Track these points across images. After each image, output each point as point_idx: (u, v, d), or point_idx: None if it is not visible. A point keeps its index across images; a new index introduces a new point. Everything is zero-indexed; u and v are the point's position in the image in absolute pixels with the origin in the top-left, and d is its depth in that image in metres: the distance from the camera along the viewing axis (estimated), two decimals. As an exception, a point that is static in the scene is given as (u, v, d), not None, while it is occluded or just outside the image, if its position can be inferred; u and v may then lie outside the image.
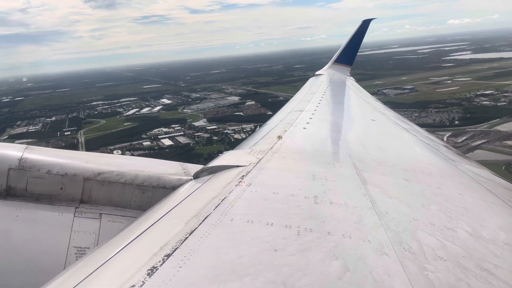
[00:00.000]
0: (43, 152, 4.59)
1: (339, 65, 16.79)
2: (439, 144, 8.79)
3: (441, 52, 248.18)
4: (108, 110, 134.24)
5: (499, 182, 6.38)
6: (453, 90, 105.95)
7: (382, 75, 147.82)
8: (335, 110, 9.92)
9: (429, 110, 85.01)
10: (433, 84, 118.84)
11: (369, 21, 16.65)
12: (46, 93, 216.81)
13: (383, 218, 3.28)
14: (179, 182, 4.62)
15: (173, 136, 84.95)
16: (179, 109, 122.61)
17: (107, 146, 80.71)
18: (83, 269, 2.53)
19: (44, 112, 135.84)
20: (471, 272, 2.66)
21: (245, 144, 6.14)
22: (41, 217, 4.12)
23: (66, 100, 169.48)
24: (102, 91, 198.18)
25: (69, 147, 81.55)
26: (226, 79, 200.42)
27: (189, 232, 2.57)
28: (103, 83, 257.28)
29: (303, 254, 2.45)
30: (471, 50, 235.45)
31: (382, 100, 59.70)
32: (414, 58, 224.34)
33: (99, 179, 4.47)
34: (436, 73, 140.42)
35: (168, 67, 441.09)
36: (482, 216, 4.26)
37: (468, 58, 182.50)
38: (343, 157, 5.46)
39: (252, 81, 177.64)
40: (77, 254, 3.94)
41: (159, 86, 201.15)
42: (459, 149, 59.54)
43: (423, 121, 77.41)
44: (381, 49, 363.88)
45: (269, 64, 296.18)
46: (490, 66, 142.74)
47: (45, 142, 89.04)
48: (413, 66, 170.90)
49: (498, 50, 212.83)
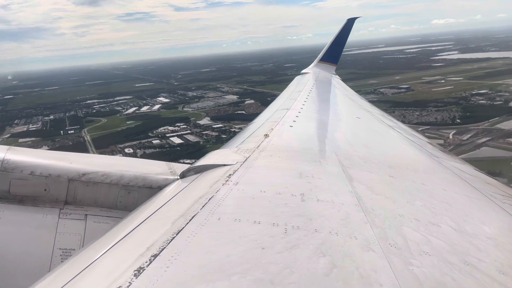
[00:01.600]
0: (26, 153, 4.56)
1: (324, 63, 16.83)
2: (423, 141, 8.87)
3: (428, 51, 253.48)
4: (106, 108, 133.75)
5: (481, 178, 6.49)
6: (448, 90, 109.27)
7: (375, 75, 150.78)
8: (321, 108, 10.00)
9: (429, 109, 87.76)
10: (428, 84, 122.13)
11: (354, 20, 16.78)
12: (35, 91, 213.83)
13: (369, 214, 3.32)
14: (165, 182, 4.58)
15: (181, 135, 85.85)
16: (179, 108, 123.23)
17: (116, 145, 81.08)
18: (69, 271, 2.52)
19: (39, 111, 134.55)
20: (456, 266, 2.71)
21: (232, 142, 6.18)
22: (25, 219, 4.05)
23: (58, 98, 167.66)
24: (94, 89, 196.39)
25: (77, 146, 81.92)
26: (219, 78, 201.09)
27: (176, 231, 2.57)
28: (92, 81, 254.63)
29: (291, 251, 2.48)
30: (457, 50, 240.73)
31: (381, 100, 62.98)
32: (403, 57, 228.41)
33: (84, 179, 4.41)
34: (428, 72, 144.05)
35: (156, 65, 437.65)
36: (466, 211, 4.32)
37: (456, 58, 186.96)
38: (329, 154, 5.52)
39: (246, 80, 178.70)
40: (62, 256, 3.89)
41: (152, 85, 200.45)
42: (466, 147, 62.83)
43: (425, 119, 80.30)
44: (368, 48, 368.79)
45: (259, 62, 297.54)
46: (479, 66, 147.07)
47: (51, 140, 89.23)
48: (403, 66, 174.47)
49: (484, 50, 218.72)
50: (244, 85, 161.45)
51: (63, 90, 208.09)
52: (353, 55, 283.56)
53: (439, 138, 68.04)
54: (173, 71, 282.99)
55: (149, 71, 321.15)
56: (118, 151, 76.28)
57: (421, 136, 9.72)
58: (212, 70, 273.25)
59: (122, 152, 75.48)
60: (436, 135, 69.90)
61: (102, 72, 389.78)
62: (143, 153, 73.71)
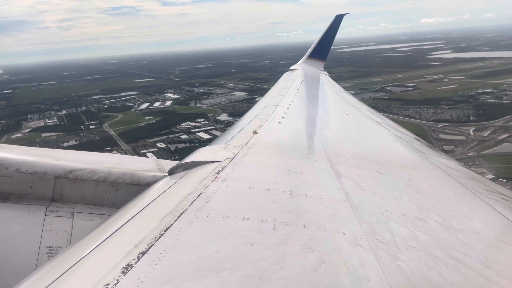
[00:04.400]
0: (11, 150, 4.55)
1: (313, 59, 16.81)
2: (410, 137, 8.92)
3: (421, 50, 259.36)
4: (117, 104, 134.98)
5: (466, 173, 6.56)
6: (453, 88, 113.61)
7: (376, 73, 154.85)
8: (310, 104, 10.03)
9: (442, 107, 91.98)
10: (432, 82, 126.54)
11: (342, 16, 16.88)
12: (33, 85, 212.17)
13: (357, 210, 3.34)
14: (153, 179, 4.56)
15: (207, 130, 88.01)
16: (191, 104, 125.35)
17: (145, 139, 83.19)
18: (55, 269, 2.50)
19: (48, 106, 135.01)
20: (442, 260, 2.75)
21: (221, 139, 6.12)
22: (11, 217, 4.04)
23: (61, 93, 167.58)
24: (93, 85, 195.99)
25: (107, 140, 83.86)
26: (218, 75, 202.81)
27: (164, 228, 2.57)
28: (88, 76, 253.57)
29: (279, 247, 2.49)
30: (449, 49, 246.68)
31: (391, 97, 67.69)
32: (398, 56, 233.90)
33: (71, 176, 4.39)
34: (429, 71, 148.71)
35: (147, 60, 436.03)
36: (452, 207, 4.33)
37: (452, 58, 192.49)
38: (318, 151, 5.55)
39: (248, 77, 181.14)
40: (49, 254, 3.87)
41: (152, 81, 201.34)
42: (488, 142, 66.95)
43: (441, 117, 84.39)
44: (359, 46, 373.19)
45: (253, 59, 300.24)
46: (477, 65, 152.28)
47: (76, 135, 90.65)
48: (401, 64, 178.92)
49: (476, 49, 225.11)
50: (249, 82, 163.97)
51: (62, 85, 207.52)
52: (347, 53, 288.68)
53: (460, 134, 72.31)
54: (168, 67, 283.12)
55: (143, 67, 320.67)
56: (149, 146, 78.37)
57: (408, 132, 9.72)
58: (208, 66, 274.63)
59: (154, 146, 77.59)
60: (456, 131, 74.10)
61: (93, 67, 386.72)
62: (175, 147, 75.90)
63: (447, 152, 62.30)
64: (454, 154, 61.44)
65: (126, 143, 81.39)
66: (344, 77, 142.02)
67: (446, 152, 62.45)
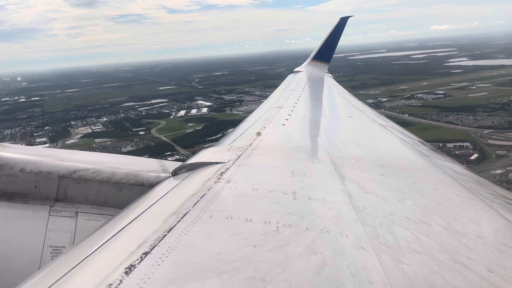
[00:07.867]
0: (16, 150, 4.58)
1: (317, 62, 16.93)
2: (414, 140, 8.90)
3: (436, 57, 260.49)
4: (153, 111, 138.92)
5: (471, 177, 6.51)
6: (484, 96, 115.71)
7: (399, 80, 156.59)
8: (314, 106, 10.00)
9: (480, 114, 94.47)
10: (460, 90, 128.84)
11: (347, 19, 16.96)
12: (57, 93, 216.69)
13: (360, 213, 3.34)
14: (157, 180, 4.59)
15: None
16: (227, 111, 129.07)
17: (200, 144, 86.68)
18: (59, 269, 2.52)
19: (85, 113, 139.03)
20: (445, 264, 2.74)
21: (224, 141, 6.10)
22: (15, 216, 4.06)
23: (91, 101, 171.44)
24: (118, 92, 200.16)
25: (163, 146, 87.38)
26: (239, 82, 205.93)
27: (167, 229, 2.58)
28: (109, 83, 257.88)
29: (282, 249, 2.48)
30: (465, 56, 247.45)
31: (425, 105, 72.14)
32: (415, 63, 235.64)
33: (75, 177, 4.41)
34: (453, 79, 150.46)
35: (160, 68, 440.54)
36: (455, 210, 4.33)
37: (471, 65, 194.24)
38: (321, 153, 5.53)
39: (271, 84, 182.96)
40: (52, 253, 3.89)
41: (176, 88, 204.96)
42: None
43: (483, 123, 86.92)
44: (370, 54, 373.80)
45: (268, 66, 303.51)
46: (499, 73, 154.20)
47: (129, 141, 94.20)
48: (421, 71, 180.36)
49: (493, 57, 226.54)
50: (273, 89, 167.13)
51: (87, 93, 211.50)
52: (361, 60, 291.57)
53: (507, 140, 75.52)
54: (184, 74, 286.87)
55: (158, 74, 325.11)
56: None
57: (412, 135, 9.64)
58: (225, 73, 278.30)
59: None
60: (503, 137, 77.21)
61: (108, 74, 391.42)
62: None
63: (502, 158, 65.69)
64: (509, 159, 64.84)
65: (183, 148, 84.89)
66: (369, 84, 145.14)
67: (501, 157, 65.82)
